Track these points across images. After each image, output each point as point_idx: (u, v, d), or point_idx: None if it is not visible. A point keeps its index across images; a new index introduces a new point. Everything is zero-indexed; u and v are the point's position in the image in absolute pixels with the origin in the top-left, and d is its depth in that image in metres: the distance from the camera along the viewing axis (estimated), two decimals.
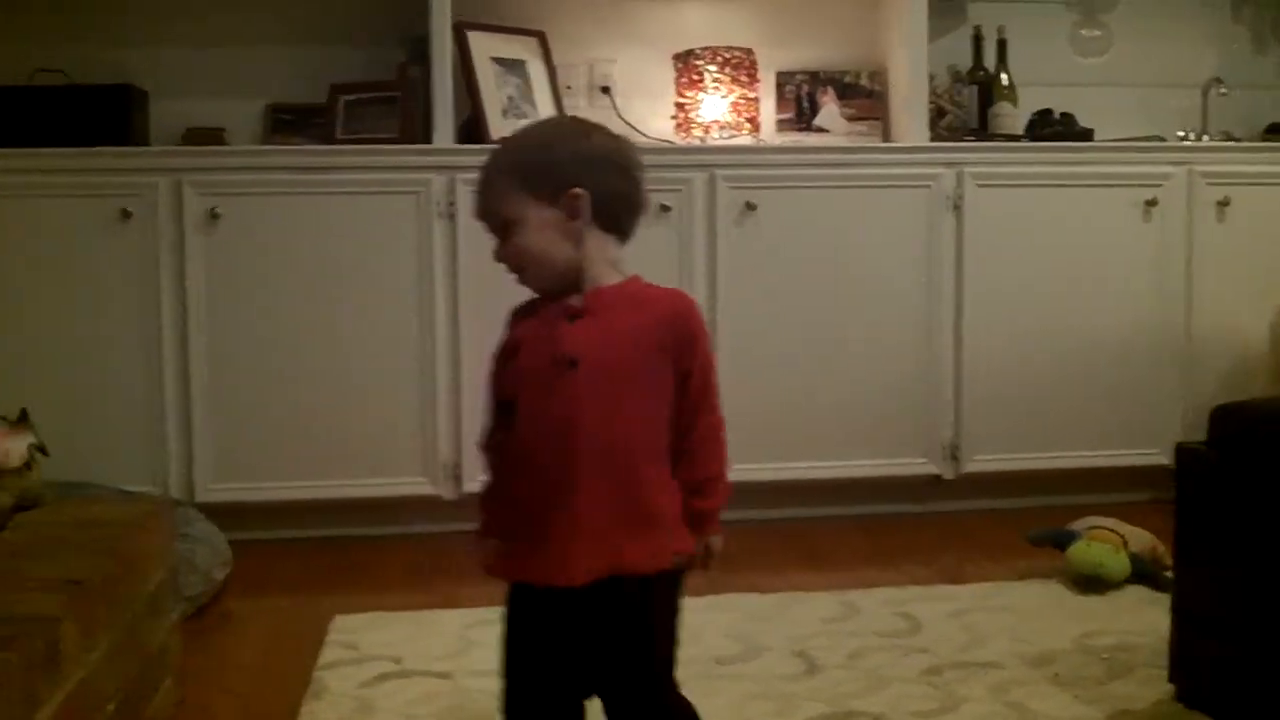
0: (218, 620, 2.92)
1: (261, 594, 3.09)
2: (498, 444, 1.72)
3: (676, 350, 1.68)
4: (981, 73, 4.04)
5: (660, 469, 1.68)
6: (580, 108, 3.92)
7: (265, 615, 2.95)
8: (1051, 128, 3.95)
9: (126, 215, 3.36)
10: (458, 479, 3.47)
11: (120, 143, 3.49)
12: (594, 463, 1.62)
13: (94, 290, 3.37)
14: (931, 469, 3.69)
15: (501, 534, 1.70)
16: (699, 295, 3.54)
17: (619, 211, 1.72)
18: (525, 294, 1.74)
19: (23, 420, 2.29)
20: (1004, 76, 4.00)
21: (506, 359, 1.71)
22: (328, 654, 2.62)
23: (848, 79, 4.03)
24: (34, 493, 2.33)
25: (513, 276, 1.70)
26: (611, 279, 1.70)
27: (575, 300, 1.67)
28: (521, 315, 1.73)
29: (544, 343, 1.66)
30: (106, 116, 3.54)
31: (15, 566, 1.97)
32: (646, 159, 3.56)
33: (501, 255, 1.70)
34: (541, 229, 1.67)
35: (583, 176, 1.68)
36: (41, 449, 2.30)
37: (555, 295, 1.69)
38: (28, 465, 2.27)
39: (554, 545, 1.63)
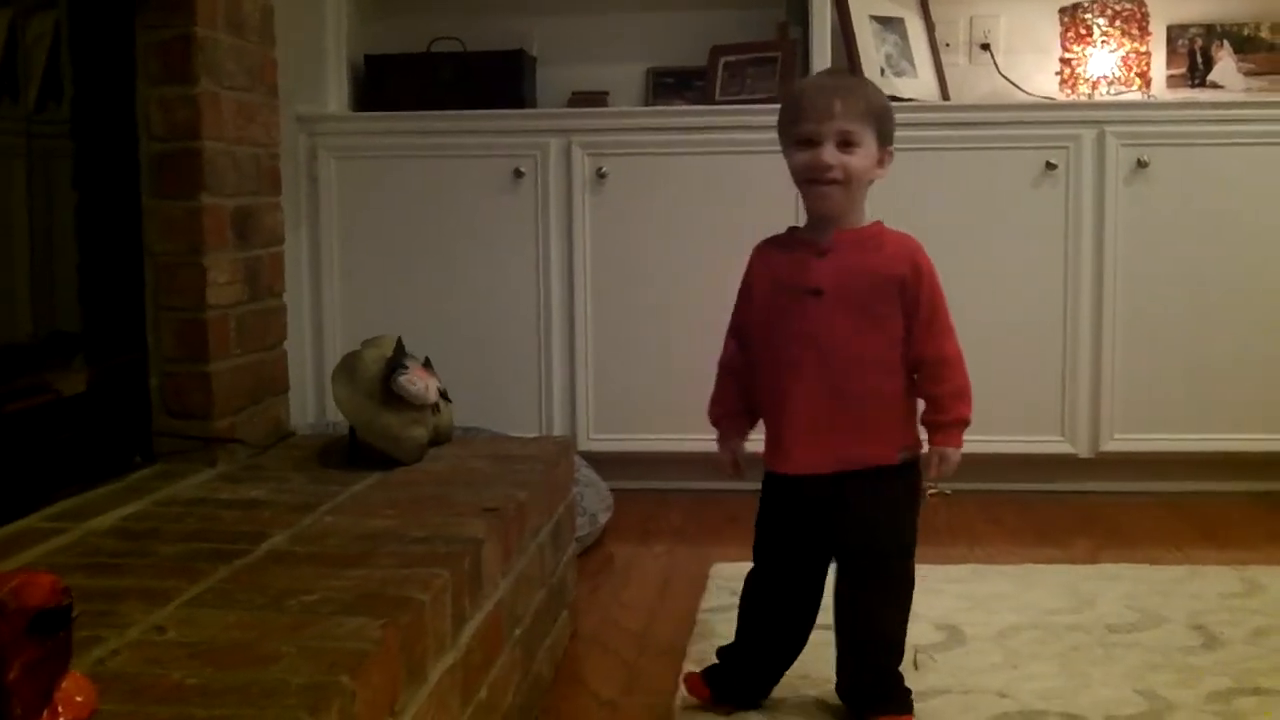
0: (602, 562, 3.03)
1: (641, 540, 3.19)
2: (740, 362, 2.12)
3: (905, 287, 1.98)
4: None
5: (889, 386, 1.99)
6: (960, 65, 3.86)
7: (646, 559, 3.05)
8: None
9: (519, 174, 3.52)
10: None
11: (512, 106, 3.65)
12: (823, 378, 1.97)
13: (489, 246, 3.55)
14: None
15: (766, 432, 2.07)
16: (1085, 256, 3.44)
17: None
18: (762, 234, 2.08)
19: (428, 366, 2.44)
20: None
21: (750, 290, 2.08)
22: (709, 598, 2.68)
23: (1246, 31, 3.80)
24: (445, 430, 2.48)
25: (812, 188, 1.98)
26: (861, 223, 2.02)
27: (824, 240, 1.99)
28: (766, 254, 2.08)
29: (794, 274, 1.99)
30: (499, 81, 3.72)
31: (442, 493, 2.11)
32: (1031, 116, 3.50)
33: (835, 161, 1.94)
34: (866, 162, 1.98)
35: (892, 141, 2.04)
36: (445, 394, 2.45)
37: (807, 231, 2.03)
38: (437, 406, 2.42)
39: (784, 443, 2.01)
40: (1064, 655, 2.35)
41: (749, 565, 2.85)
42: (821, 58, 3.57)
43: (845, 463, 1.98)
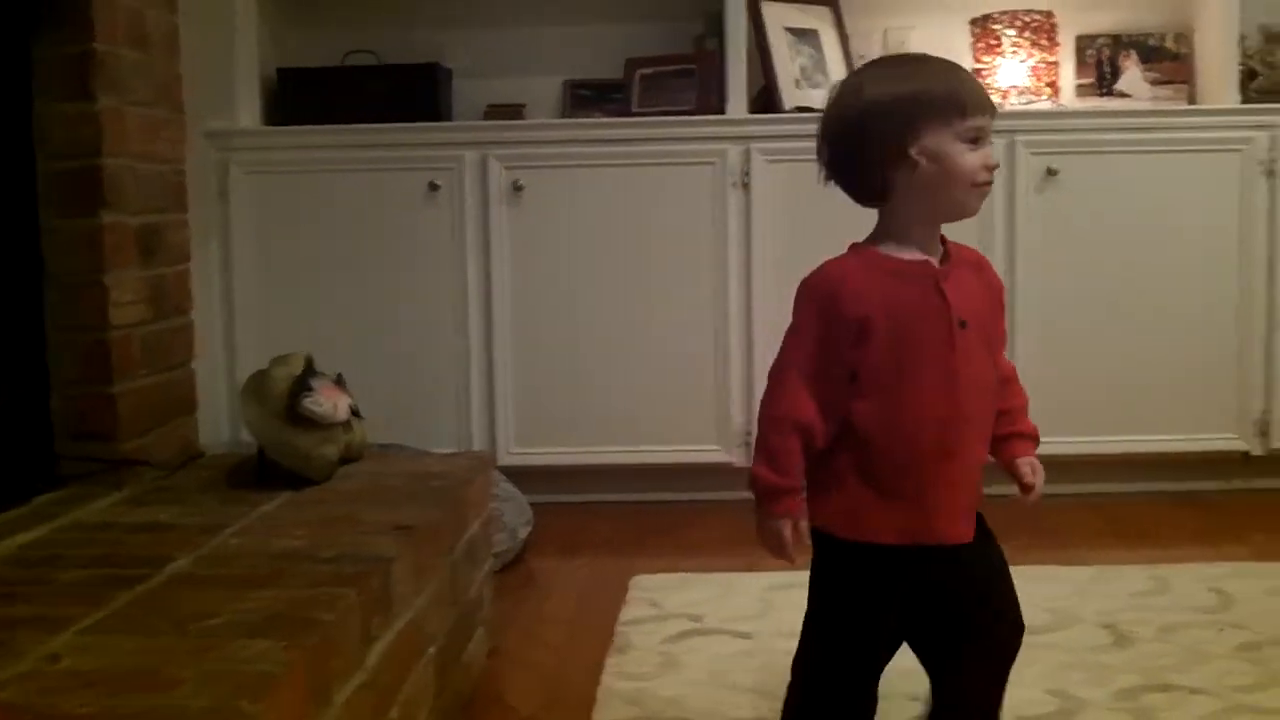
0: (523, 577, 3.01)
1: (562, 554, 3.18)
2: (818, 418, 1.64)
3: (1002, 303, 1.76)
4: None
5: None
6: None
7: (567, 573, 3.04)
8: None
9: (435, 188, 3.50)
10: (749, 447, 3.50)
11: (427, 119, 3.63)
12: (976, 419, 1.67)
13: (405, 260, 3.52)
14: (1240, 445, 3.52)
15: (862, 498, 1.65)
16: (998, 263, 3.41)
17: None
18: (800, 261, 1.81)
19: (340, 382, 2.41)
20: None
21: (868, 325, 1.63)
22: (630, 611, 2.67)
23: (1151, 41, 3.86)
24: (357, 447, 2.46)
25: (976, 192, 1.64)
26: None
27: (937, 257, 1.67)
28: (870, 278, 1.66)
29: (927, 303, 1.64)
30: (414, 94, 3.70)
31: (352, 511, 2.09)
32: None
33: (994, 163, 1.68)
34: None
35: None
36: (356, 412, 2.43)
37: (900, 248, 1.67)
38: (349, 423, 2.40)
39: (944, 503, 1.65)
40: None
41: (670, 576, 2.89)
42: (737, 70, 3.58)
43: (974, 520, 1.71)
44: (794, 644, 2.43)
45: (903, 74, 1.67)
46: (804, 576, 2.74)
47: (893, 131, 1.62)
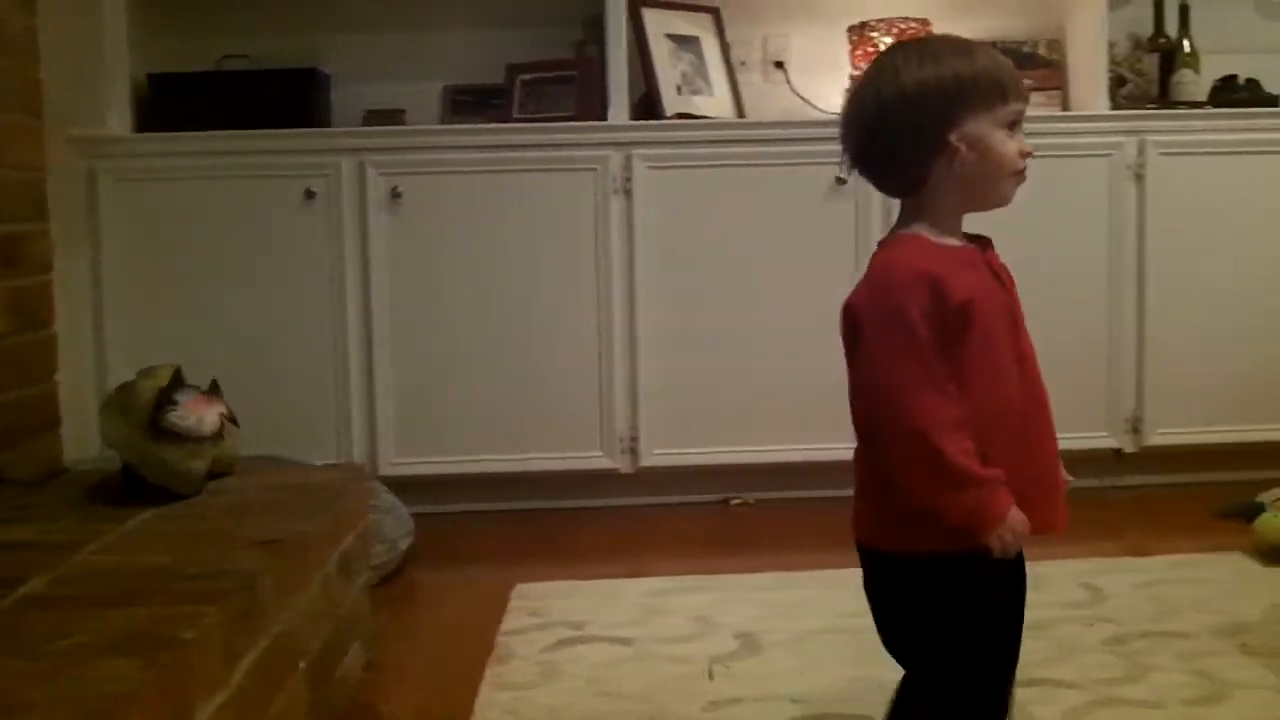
0: (403, 589, 2.98)
1: (444, 565, 3.15)
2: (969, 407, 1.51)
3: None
4: (1163, 40, 3.91)
5: None
6: (755, 83, 3.92)
7: (448, 584, 3.01)
8: (1235, 94, 3.81)
9: (311, 195, 3.45)
10: (634, 453, 3.50)
11: (304, 125, 3.58)
12: (1046, 403, 1.64)
13: (280, 268, 3.47)
14: (1112, 443, 3.60)
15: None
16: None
17: None
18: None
19: (213, 391, 2.36)
20: (1186, 43, 3.87)
21: (968, 315, 1.51)
22: (511, 620, 2.66)
23: (1025, 48, 3.93)
24: (227, 460, 2.41)
25: (1014, 180, 1.58)
26: None
27: (976, 244, 1.60)
28: (953, 268, 1.53)
29: (993, 291, 1.57)
30: (291, 100, 3.64)
31: (217, 526, 2.05)
32: (823, 132, 3.57)
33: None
34: None
35: None
36: (232, 419, 2.38)
37: (947, 235, 1.58)
38: (220, 434, 2.34)
39: (1052, 492, 1.60)
40: (858, 658, 2.38)
41: (551, 585, 2.87)
42: (618, 76, 3.58)
43: None
44: (674, 649, 2.46)
45: (939, 56, 1.55)
46: (687, 582, 2.75)
47: (934, 116, 1.53)
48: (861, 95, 1.59)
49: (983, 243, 1.61)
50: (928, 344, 1.49)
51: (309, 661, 2.02)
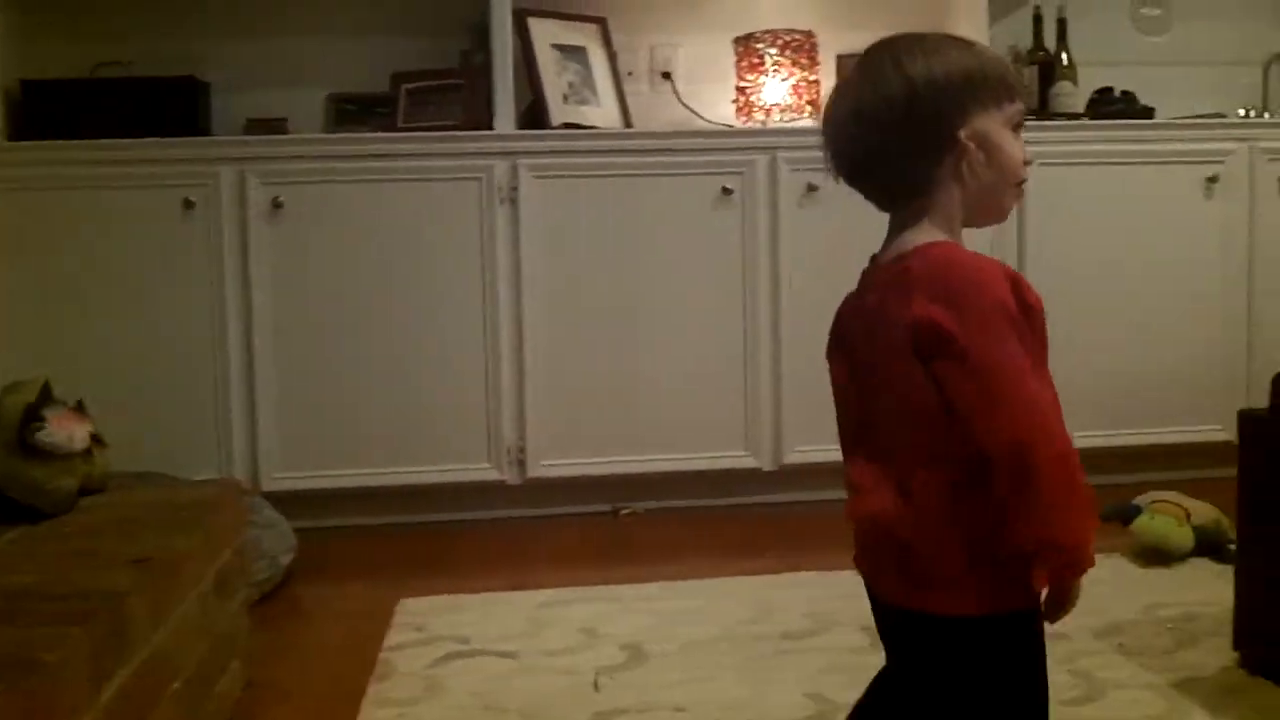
0: (285, 606, 2.93)
1: (328, 580, 3.10)
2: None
3: None
4: (1042, 53, 4.00)
5: None
6: (642, 93, 3.92)
7: (332, 600, 2.96)
8: (1112, 106, 3.90)
9: (190, 205, 3.39)
10: (521, 464, 3.48)
11: (184, 134, 3.50)
12: None
13: (158, 280, 3.40)
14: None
15: None
16: (761, 278, 3.53)
17: None
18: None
19: (79, 409, 2.30)
20: (1064, 56, 3.97)
21: (1038, 315, 1.36)
22: (395, 636, 2.62)
23: None
24: (99, 477, 2.34)
25: (1018, 190, 1.44)
26: None
27: None
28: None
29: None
30: (170, 108, 3.57)
31: (86, 545, 1.99)
32: (709, 143, 3.60)
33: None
34: None
35: None
36: (99, 439, 2.32)
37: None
38: (89, 452, 2.28)
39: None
40: (743, 665, 2.40)
41: (437, 599, 2.84)
42: (504, 86, 3.56)
43: None
44: (560, 661, 2.44)
45: (940, 48, 1.39)
46: (574, 594, 2.74)
47: (946, 110, 1.37)
48: (856, 93, 1.41)
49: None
50: (1020, 347, 1.31)
51: (184, 681, 1.97)
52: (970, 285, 1.32)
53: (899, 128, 1.37)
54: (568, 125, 3.60)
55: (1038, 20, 3.99)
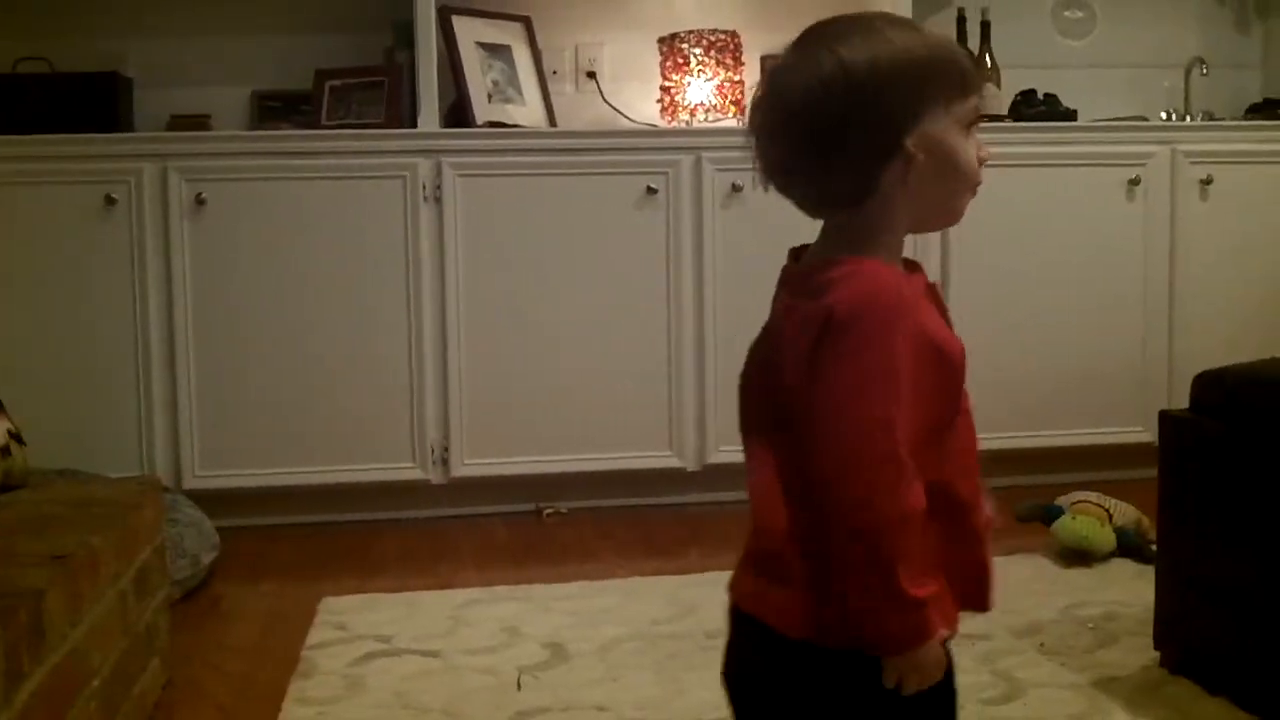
0: (206, 605, 2.91)
1: (250, 579, 3.08)
2: (937, 473, 1.25)
3: None
4: None
5: None
6: (567, 92, 3.93)
7: (254, 599, 2.95)
8: (1035, 108, 3.97)
9: (111, 202, 3.35)
10: (445, 464, 3.49)
11: (105, 130, 3.47)
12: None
13: (79, 277, 3.36)
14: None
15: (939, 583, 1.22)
16: (685, 278, 3.56)
17: None
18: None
19: None
20: (987, 58, 4.01)
21: (944, 357, 1.25)
22: (316, 634, 2.62)
23: None
24: (17, 474, 2.33)
25: (970, 196, 1.33)
26: None
27: (916, 273, 1.29)
28: (919, 298, 1.25)
29: (948, 331, 1.28)
30: (91, 104, 3.53)
31: (2, 543, 1.97)
32: (633, 142, 3.61)
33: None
34: None
35: None
36: (17, 436, 2.30)
37: (895, 259, 1.27)
38: (7, 449, 2.27)
39: (988, 570, 1.30)
40: (662, 664, 2.42)
41: (358, 597, 2.84)
42: (428, 83, 3.56)
43: None
44: (482, 660, 2.46)
45: (882, 30, 1.21)
46: (496, 593, 2.76)
47: (888, 106, 1.20)
48: (784, 83, 1.22)
49: (915, 267, 1.30)
50: (900, 389, 1.17)
51: (102, 680, 1.96)
52: (866, 311, 1.18)
53: (834, 133, 1.20)
54: (492, 124, 3.61)
55: (961, 22, 4.04)
